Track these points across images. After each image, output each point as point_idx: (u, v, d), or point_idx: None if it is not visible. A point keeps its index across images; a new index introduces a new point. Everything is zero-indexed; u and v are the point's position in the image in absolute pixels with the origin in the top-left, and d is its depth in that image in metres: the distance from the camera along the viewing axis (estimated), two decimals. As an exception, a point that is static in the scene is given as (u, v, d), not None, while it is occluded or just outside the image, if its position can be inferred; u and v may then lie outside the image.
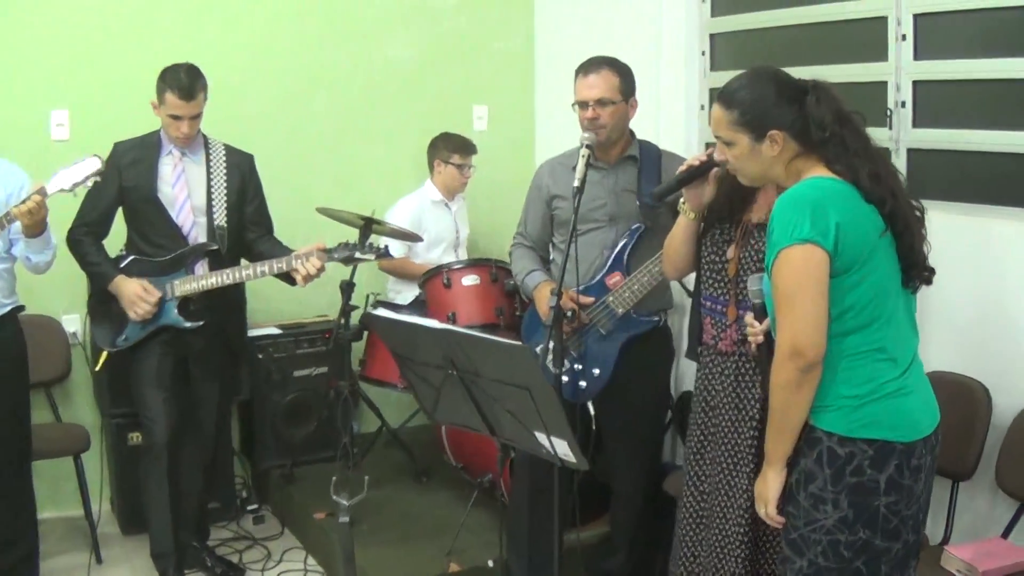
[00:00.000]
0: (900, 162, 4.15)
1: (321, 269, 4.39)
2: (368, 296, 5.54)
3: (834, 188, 2.75)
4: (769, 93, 2.85)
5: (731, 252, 3.41)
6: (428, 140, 5.92)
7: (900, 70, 4.16)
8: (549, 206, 4.29)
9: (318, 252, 4.38)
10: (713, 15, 5.26)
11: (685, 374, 5.16)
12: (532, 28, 6.56)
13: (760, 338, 3.02)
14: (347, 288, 5.03)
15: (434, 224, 5.82)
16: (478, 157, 5.91)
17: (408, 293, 5.67)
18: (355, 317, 5.20)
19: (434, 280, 5.24)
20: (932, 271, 2.89)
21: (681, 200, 3.51)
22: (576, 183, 3.80)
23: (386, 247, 4.71)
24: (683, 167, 3.42)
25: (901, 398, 2.79)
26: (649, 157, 4.18)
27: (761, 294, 2.98)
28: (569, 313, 4.00)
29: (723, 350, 3.46)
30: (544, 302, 4.10)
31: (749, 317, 3.07)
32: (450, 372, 3.08)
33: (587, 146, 3.94)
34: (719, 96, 2.93)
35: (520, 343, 2.88)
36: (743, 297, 3.34)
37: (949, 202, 4.00)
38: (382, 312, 3.23)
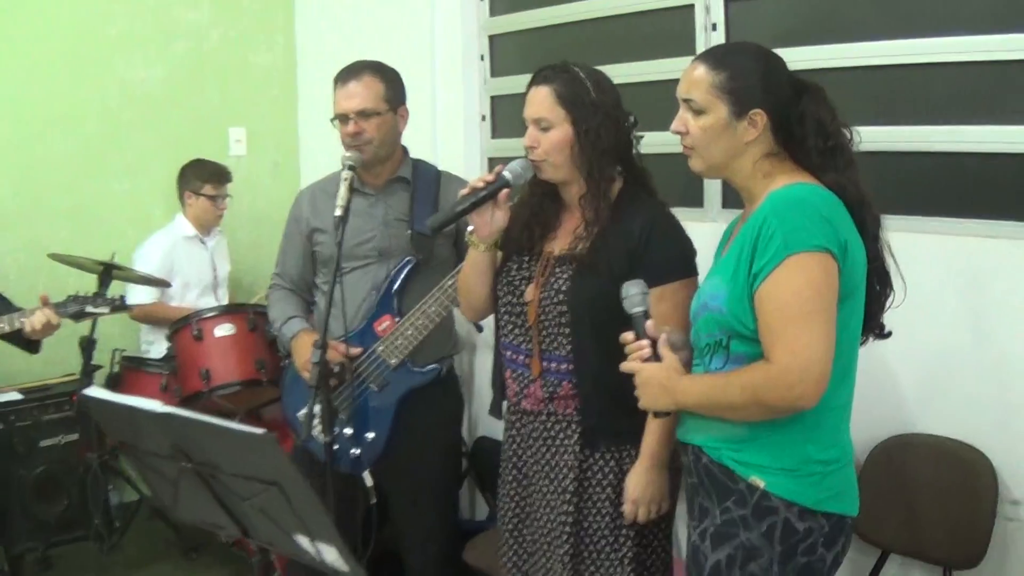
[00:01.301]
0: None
1: (50, 324, 3.78)
2: (114, 352, 4.98)
3: (834, 201, 2.35)
4: (762, 69, 2.42)
5: (530, 293, 2.90)
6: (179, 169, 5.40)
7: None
8: (310, 241, 3.71)
9: (44, 307, 3.79)
10: (492, 14, 4.92)
11: (479, 417, 4.72)
12: (292, 39, 6.11)
13: (646, 353, 2.49)
14: (87, 346, 4.56)
15: (188, 263, 5.29)
16: (237, 185, 5.50)
17: (162, 345, 5.07)
18: (101, 377, 4.72)
19: (182, 332, 4.61)
20: (887, 332, 2.54)
21: (469, 229, 2.98)
22: (338, 211, 3.24)
23: (122, 298, 4.09)
24: (466, 190, 2.90)
25: (851, 467, 2.46)
26: (424, 179, 3.66)
27: (645, 301, 2.50)
28: (336, 368, 3.43)
29: (528, 409, 2.95)
30: (303, 354, 3.50)
31: (629, 335, 2.51)
32: (184, 465, 2.45)
33: (350, 167, 3.38)
34: (705, 55, 2.52)
35: (261, 430, 2.26)
36: (547, 348, 2.85)
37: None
38: (94, 392, 2.58)
